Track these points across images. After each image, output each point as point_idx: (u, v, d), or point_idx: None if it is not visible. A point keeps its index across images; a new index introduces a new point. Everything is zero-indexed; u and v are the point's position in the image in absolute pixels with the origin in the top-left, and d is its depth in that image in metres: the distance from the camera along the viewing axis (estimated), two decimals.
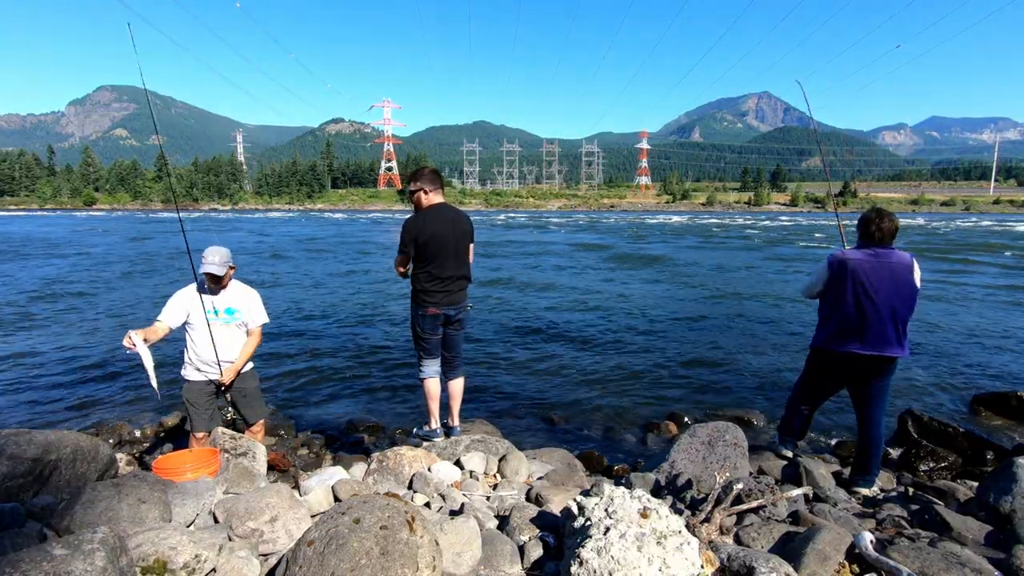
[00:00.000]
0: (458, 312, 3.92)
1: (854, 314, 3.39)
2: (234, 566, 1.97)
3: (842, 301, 3.44)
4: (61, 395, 6.25)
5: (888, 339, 3.36)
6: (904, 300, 3.34)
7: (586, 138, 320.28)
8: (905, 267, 3.36)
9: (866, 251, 3.43)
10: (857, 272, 3.38)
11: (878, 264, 3.36)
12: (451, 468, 3.23)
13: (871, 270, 3.36)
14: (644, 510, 2.04)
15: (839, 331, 3.48)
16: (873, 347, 3.37)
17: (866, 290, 3.35)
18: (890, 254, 3.38)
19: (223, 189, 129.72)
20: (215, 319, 3.74)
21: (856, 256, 3.43)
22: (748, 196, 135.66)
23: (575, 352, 8.09)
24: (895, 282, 3.33)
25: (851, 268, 3.40)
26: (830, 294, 3.53)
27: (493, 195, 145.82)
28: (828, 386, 3.80)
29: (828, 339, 3.56)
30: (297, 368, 7.28)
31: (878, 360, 3.41)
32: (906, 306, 3.36)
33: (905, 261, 3.37)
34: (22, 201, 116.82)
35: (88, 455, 2.67)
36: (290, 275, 17.29)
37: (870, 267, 3.37)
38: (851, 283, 3.39)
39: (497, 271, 18.34)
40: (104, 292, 13.47)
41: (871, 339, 3.37)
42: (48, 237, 32.49)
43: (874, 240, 3.43)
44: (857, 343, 3.40)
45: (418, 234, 3.72)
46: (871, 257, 3.39)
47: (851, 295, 3.39)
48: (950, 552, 2.12)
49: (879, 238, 3.41)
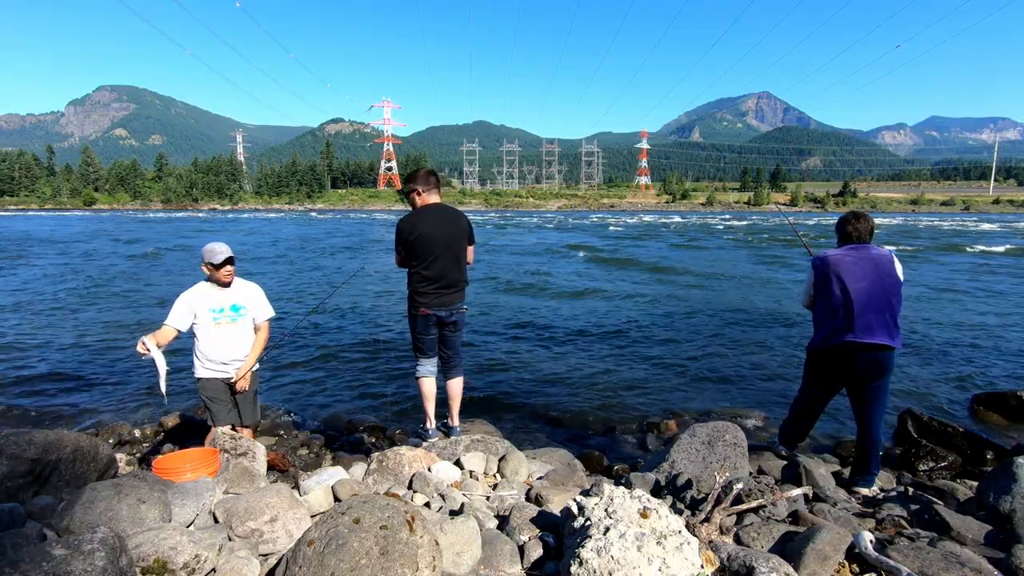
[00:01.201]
0: (451, 314, 3.89)
1: (841, 307, 3.47)
2: (234, 566, 1.97)
3: (829, 297, 3.53)
4: (61, 395, 6.25)
5: (876, 327, 3.40)
6: (888, 288, 3.42)
7: (586, 138, 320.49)
8: (886, 260, 3.48)
9: (846, 248, 3.58)
10: (839, 265, 3.50)
11: (858, 257, 3.49)
12: (451, 468, 3.23)
13: (852, 263, 3.48)
14: (644, 510, 2.04)
15: (831, 329, 3.54)
16: (862, 335, 3.41)
17: (848, 283, 3.44)
18: (869, 248, 3.53)
19: (223, 189, 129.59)
20: (222, 316, 3.73)
21: (836, 252, 3.58)
22: (748, 196, 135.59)
23: (575, 352, 8.09)
24: (877, 273, 3.43)
25: (832, 263, 3.53)
26: (820, 295, 3.62)
27: (493, 195, 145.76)
28: (826, 389, 3.79)
29: (823, 337, 3.63)
30: (297, 368, 7.28)
31: (869, 350, 3.42)
32: (892, 296, 3.43)
33: (885, 255, 3.51)
34: (21, 201, 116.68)
35: (88, 455, 2.67)
36: (289, 275, 17.29)
37: (851, 260, 3.50)
38: (834, 278, 3.49)
39: (497, 271, 18.34)
40: (104, 292, 13.47)
41: (860, 328, 3.42)
42: (48, 237, 32.48)
43: (851, 239, 3.60)
44: (848, 334, 3.46)
45: (408, 234, 3.74)
46: (851, 251, 3.54)
47: (836, 289, 3.49)
48: (950, 552, 2.12)
49: (856, 237, 3.58)
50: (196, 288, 3.77)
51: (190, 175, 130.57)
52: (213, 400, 3.84)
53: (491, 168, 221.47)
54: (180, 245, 27.52)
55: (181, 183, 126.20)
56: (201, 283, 3.79)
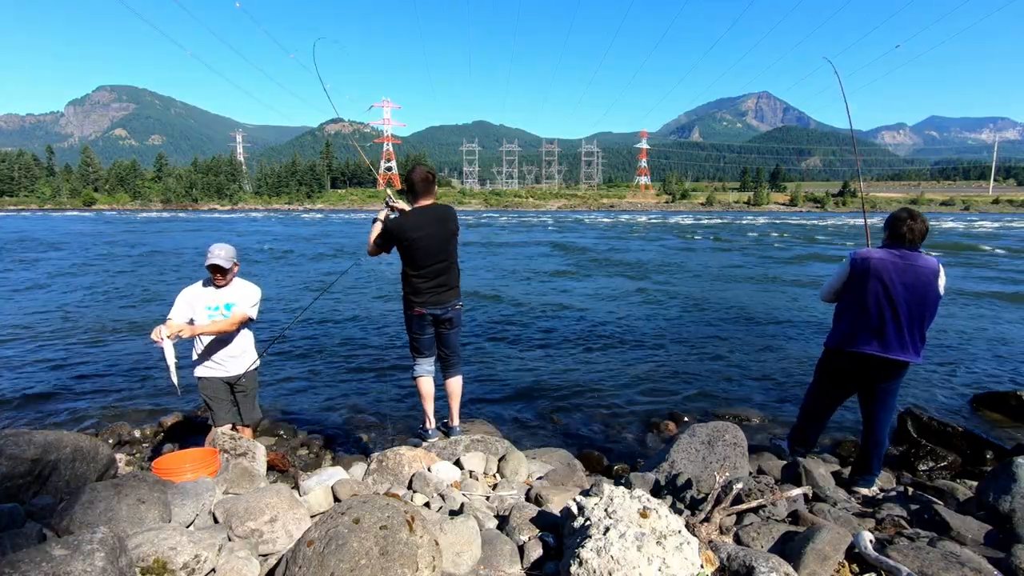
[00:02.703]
0: (446, 312, 3.89)
1: (875, 315, 3.27)
2: (234, 566, 1.97)
3: (862, 301, 3.31)
4: (61, 395, 6.24)
5: (904, 344, 3.26)
6: (926, 306, 3.23)
7: (586, 138, 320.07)
8: (931, 272, 3.21)
9: (892, 252, 3.28)
10: (881, 272, 3.24)
11: (904, 266, 3.22)
12: (451, 468, 3.23)
13: (896, 271, 3.22)
14: (644, 510, 2.04)
15: (855, 331, 3.36)
16: (889, 350, 3.28)
17: (888, 292, 3.22)
18: (917, 257, 3.23)
19: (222, 189, 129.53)
20: (216, 315, 3.77)
21: (881, 256, 3.28)
22: (747, 196, 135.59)
23: (575, 352, 8.09)
24: (919, 287, 3.20)
25: (874, 268, 3.26)
26: (850, 294, 3.39)
27: (492, 195, 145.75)
28: (841, 390, 3.66)
29: (843, 339, 3.45)
30: (297, 368, 7.28)
31: (892, 363, 3.32)
32: (928, 312, 3.24)
33: (932, 266, 3.22)
34: (21, 201, 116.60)
35: (88, 455, 2.67)
36: (289, 275, 17.29)
37: (895, 268, 3.22)
38: (873, 283, 3.26)
39: (496, 271, 18.35)
40: (104, 291, 13.46)
41: (888, 343, 3.26)
42: (48, 237, 32.47)
43: (904, 241, 3.27)
44: (874, 345, 3.29)
45: (398, 235, 3.74)
46: (897, 259, 3.24)
47: (872, 295, 3.26)
48: (949, 552, 2.12)
49: (910, 240, 3.25)
50: (195, 286, 3.84)
51: (190, 175, 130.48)
52: (212, 399, 3.89)
53: (491, 168, 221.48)
54: (180, 245, 27.54)
55: (181, 183, 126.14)
56: (201, 281, 3.86)
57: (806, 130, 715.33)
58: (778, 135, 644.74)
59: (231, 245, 3.80)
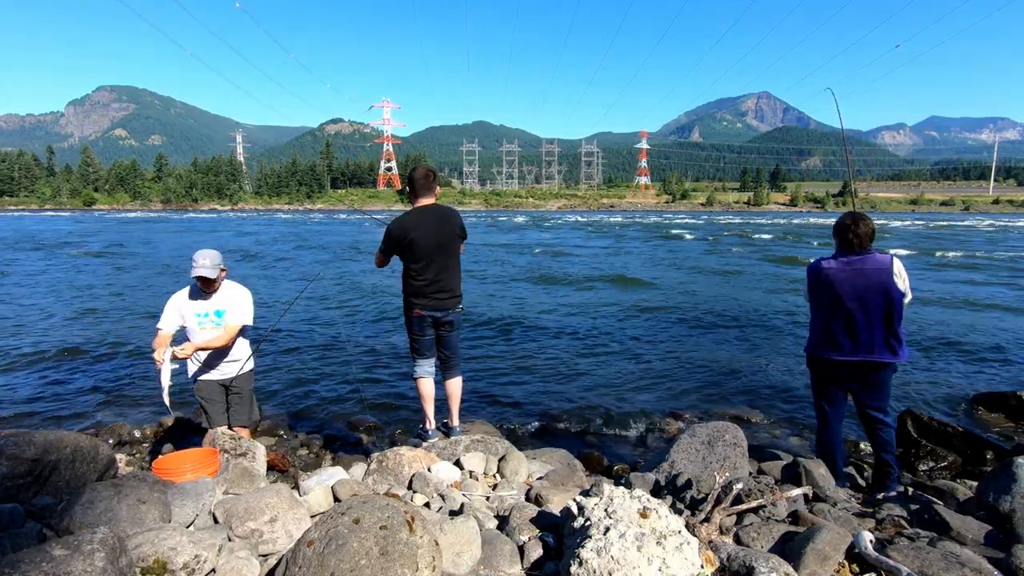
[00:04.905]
0: (446, 314, 3.89)
1: (835, 322, 3.40)
2: (234, 566, 1.97)
3: (823, 308, 3.47)
4: (61, 395, 6.25)
5: (873, 345, 3.33)
6: (883, 305, 3.28)
7: (586, 138, 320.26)
8: (883, 271, 3.28)
9: (841, 260, 3.39)
10: (832, 281, 3.37)
11: (852, 272, 3.33)
12: (451, 468, 3.23)
13: (845, 280, 3.34)
14: (644, 510, 2.04)
15: (821, 337, 3.51)
16: (857, 353, 3.37)
17: (842, 300, 3.34)
18: (865, 260, 3.32)
19: (222, 189, 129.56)
20: (206, 321, 3.75)
21: (831, 266, 3.41)
22: (747, 196, 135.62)
23: (575, 352, 8.09)
24: (871, 288, 3.29)
25: (825, 277, 3.42)
26: (813, 301, 3.58)
27: (493, 195, 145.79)
28: (830, 392, 3.68)
29: (813, 345, 3.61)
30: (297, 368, 7.28)
31: (864, 365, 3.39)
32: (892, 310, 3.29)
33: (883, 264, 3.29)
34: (21, 201, 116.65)
35: (88, 455, 2.66)
36: (288, 275, 17.29)
37: (844, 276, 3.34)
38: (829, 291, 3.39)
39: (497, 271, 18.35)
40: (103, 292, 13.46)
41: (854, 347, 3.36)
42: (47, 237, 32.46)
43: (851, 247, 3.36)
44: (837, 351, 3.42)
45: (399, 236, 3.73)
46: (845, 266, 3.36)
47: (828, 305, 3.41)
48: (949, 552, 2.12)
49: (857, 244, 3.34)
50: (183, 293, 3.79)
51: (190, 175, 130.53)
52: (208, 401, 3.90)
53: (491, 168, 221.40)
54: (179, 245, 27.52)
55: (181, 183, 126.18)
56: (189, 287, 3.81)
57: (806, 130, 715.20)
58: (778, 135, 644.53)
59: (215, 250, 3.71)
